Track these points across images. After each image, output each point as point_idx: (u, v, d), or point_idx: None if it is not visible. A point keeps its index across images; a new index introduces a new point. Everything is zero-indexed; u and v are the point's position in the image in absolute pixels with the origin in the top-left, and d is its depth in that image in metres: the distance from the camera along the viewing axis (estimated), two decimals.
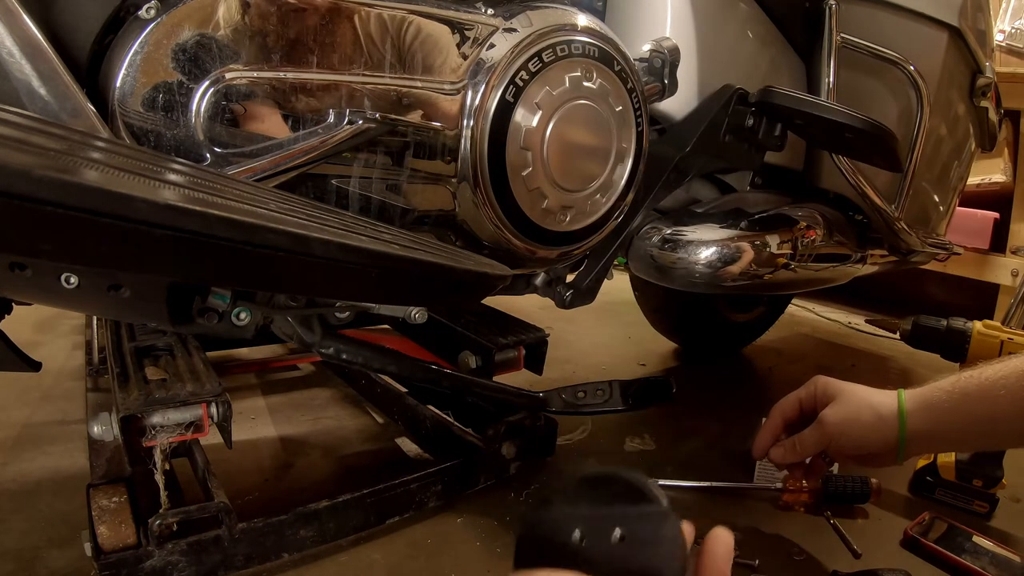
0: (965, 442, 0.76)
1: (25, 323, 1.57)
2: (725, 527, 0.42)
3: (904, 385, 0.74)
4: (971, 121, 1.37)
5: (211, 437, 0.72)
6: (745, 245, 0.98)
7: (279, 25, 0.63)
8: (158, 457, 0.68)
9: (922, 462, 1.03)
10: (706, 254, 0.96)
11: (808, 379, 0.81)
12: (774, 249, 1.01)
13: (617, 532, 0.37)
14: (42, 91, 0.52)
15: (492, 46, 0.75)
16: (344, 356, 0.77)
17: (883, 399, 0.73)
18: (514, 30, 0.76)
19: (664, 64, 0.90)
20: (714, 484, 0.98)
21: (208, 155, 0.62)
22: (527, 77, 0.75)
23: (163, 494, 0.69)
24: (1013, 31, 2.10)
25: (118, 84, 0.57)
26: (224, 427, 0.71)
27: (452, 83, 0.74)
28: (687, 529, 0.38)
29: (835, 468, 1.01)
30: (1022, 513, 0.99)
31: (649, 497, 0.37)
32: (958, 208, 1.55)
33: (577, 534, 0.37)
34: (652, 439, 1.14)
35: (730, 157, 1.01)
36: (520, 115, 0.76)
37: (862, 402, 0.73)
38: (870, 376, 1.59)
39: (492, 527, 0.87)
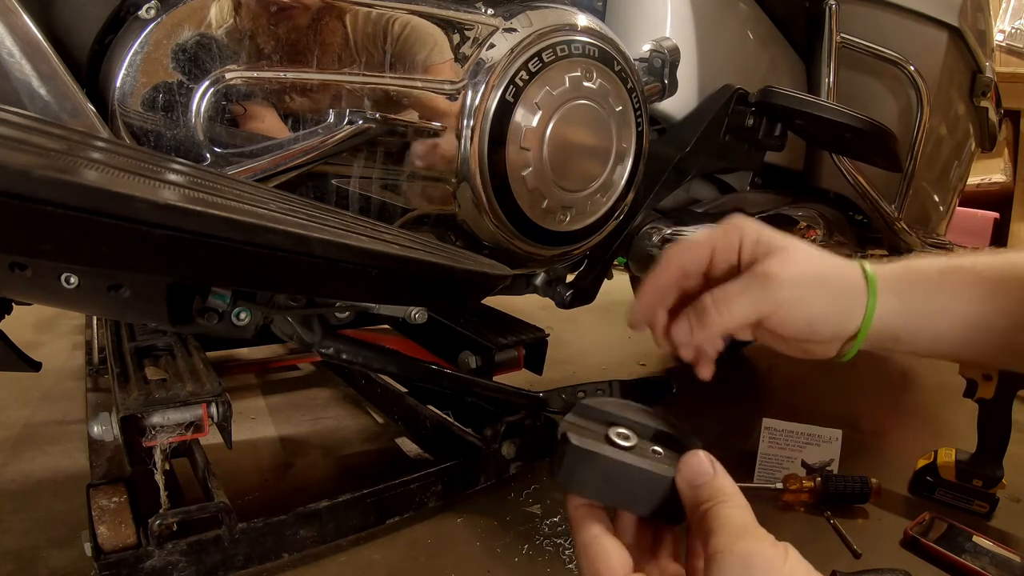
0: (943, 344, 0.48)
1: (25, 323, 1.57)
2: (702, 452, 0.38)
3: (904, 384, 0.71)
4: (971, 121, 1.37)
5: (211, 437, 0.72)
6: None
7: (279, 25, 0.63)
8: (158, 457, 0.68)
9: (922, 462, 1.03)
10: None
11: (807, 378, 0.75)
12: None
13: (653, 443, 0.39)
14: (42, 91, 0.52)
15: (492, 46, 0.75)
16: (344, 356, 0.77)
17: (846, 262, 0.48)
18: (514, 30, 0.76)
19: (664, 64, 0.90)
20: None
21: (208, 155, 0.62)
22: (527, 77, 0.75)
23: (163, 494, 0.69)
24: (1013, 31, 2.10)
25: (118, 84, 0.57)
26: (224, 427, 0.71)
27: (452, 83, 0.74)
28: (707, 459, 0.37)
29: (835, 468, 1.01)
30: (1022, 513, 0.99)
31: (683, 432, 0.40)
32: (958, 208, 1.55)
33: (620, 430, 0.39)
34: None
35: (730, 157, 1.01)
36: (520, 115, 0.76)
37: (821, 261, 0.47)
38: (870, 376, 1.59)
39: (492, 527, 0.87)
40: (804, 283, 0.46)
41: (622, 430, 0.39)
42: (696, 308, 0.46)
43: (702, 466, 0.37)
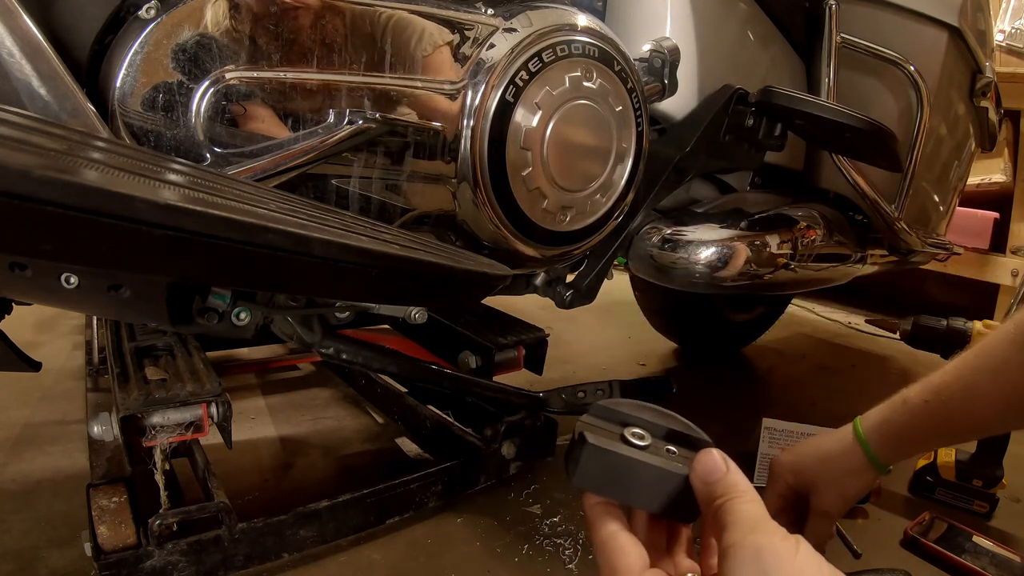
0: (937, 444, 0.75)
1: (25, 323, 1.57)
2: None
3: (904, 384, 0.73)
4: (971, 121, 1.37)
5: (211, 437, 0.72)
6: (745, 245, 0.98)
7: (279, 25, 0.63)
8: (158, 457, 0.68)
9: (922, 462, 1.03)
10: (706, 254, 0.95)
11: (807, 378, 0.79)
12: (774, 249, 1.01)
13: (667, 442, 0.41)
14: (42, 91, 0.52)
15: (492, 46, 0.75)
16: (344, 356, 0.77)
17: (842, 446, 0.71)
18: (514, 30, 0.76)
19: (664, 64, 0.90)
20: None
21: (208, 155, 0.62)
22: (527, 77, 0.75)
23: (163, 494, 0.69)
24: (1013, 31, 2.10)
25: (118, 84, 0.57)
26: (224, 427, 0.71)
27: (452, 83, 0.74)
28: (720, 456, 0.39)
29: None
30: (1022, 513, 0.99)
31: (696, 432, 0.42)
32: (958, 208, 1.55)
33: (635, 430, 0.40)
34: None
35: (730, 157, 1.01)
36: (520, 115, 0.76)
37: (813, 444, 0.73)
38: (870, 376, 1.59)
39: (492, 527, 0.87)
40: (835, 489, 0.69)
41: (637, 430, 0.40)
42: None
43: (715, 463, 0.38)
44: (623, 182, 0.88)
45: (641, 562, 0.37)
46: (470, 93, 0.74)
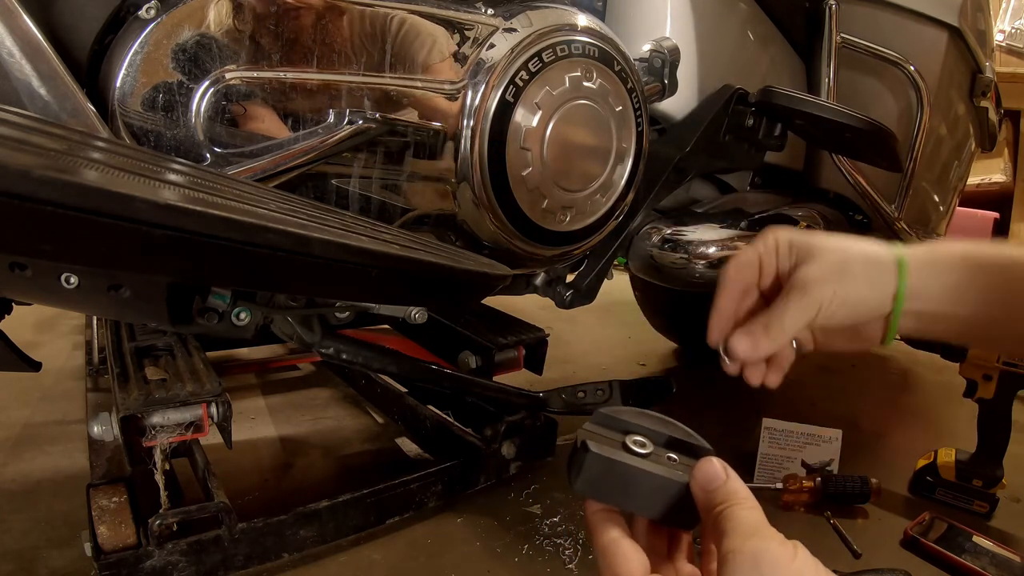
0: (976, 328, 0.52)
1: (25, 323, 1.57)
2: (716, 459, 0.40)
3: (904, 384, 0.71)
4: (971, 121, 1.37)
5: (211, 437, 0.72)
6: (745, 245, 0.98)
7: (279, 25, 0.63)
8: (158, 457, 0.68)
9: (922, 462, 1.03)
10: (706, 254, 0.96)
11: (809, 380, 0.75)
12: None
13: (667, 450, 0.41)
14: (42, 91, 0.52)
15: (492, 46, 0.75)
16: (344, 356, 0.77)
17: (873, 246, 0.53)
18: (514, 30, 0.76)
19: (664, 64, 0.90)
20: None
21: (208, 155, 0.62)
22: (527, 77, 0.75)
23: (163, 494, 0.69)
24: (1013, 31, 2.10)
25: (118, 84, 0.57)
26: (224, 427, 0.71)
27: (452, 83, 0.74)
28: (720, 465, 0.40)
29: (835, 468, 1.01)
30: (1022, 513, 0.99)
31: (696, 439, 0.42)
32: (958, 208, 1.55)
33: (636, 437, 0.41)
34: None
35: (730, 157, 1.01)
36: (520, 115, 0.76)
37: (849, 251, 0.52)
38: (870, 376, 1.59)
39: (492, 527, 0.87)
40: (837, 277, 0.50)
41: (638, 437, 0.41)
42: (757, 327, 0.51)
43: (715, 471, 0.38)
44: (623, 182, 0.88)
45: (642, 568, 0.37)
46: (470, 93, 0.74)
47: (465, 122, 0.74)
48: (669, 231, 0.97)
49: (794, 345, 0.56)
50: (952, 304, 0.51)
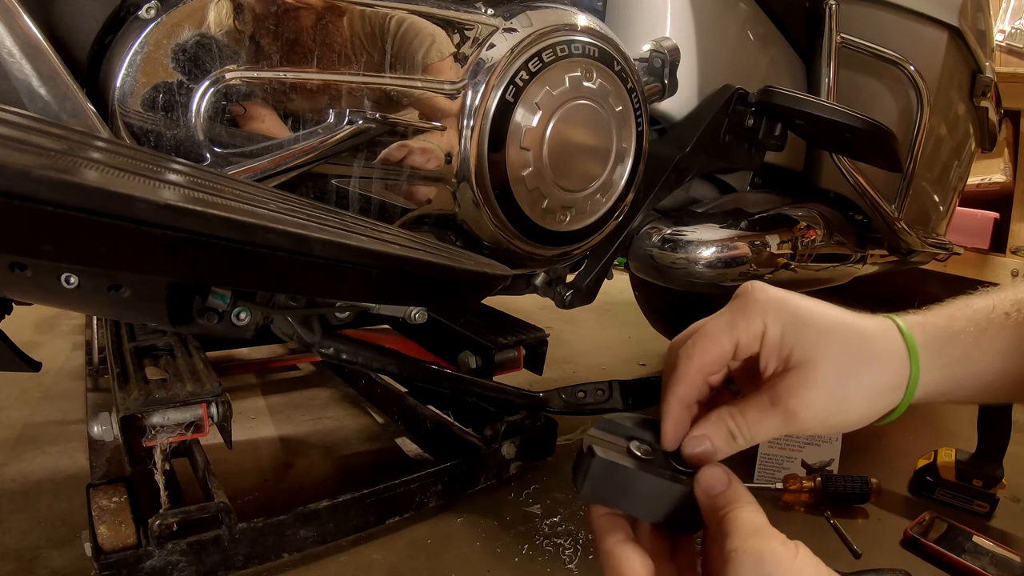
0: (995, 394, 0.45)
1: (25, 323, 1.57)
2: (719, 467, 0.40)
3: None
4: (971, 121, 1.37)
5: (211, 437, 0.72)
6: (745, 245, 0.98)
7: (279, 25, 0.63)
8: (158, 457, 0.68)
9: (922, 462, 1.03)
10: (706, 254, 0.95)
11: None
12: (774, 249, 1.01)
13: (673, 457, 0.42)
14: (42, 91, 0.52)
15: (492, 46, 0.75)
16: (344, 356, 0.77)
17: (877, 345, 0.43)
18: (514, 30, 0.76)
19: (664, 64, 0.90)
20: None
21: (208, 155, 0.62)
22: (527, 77, 0.75)
23: (163, 494, 0.69)
24: (1013, 31, 2.10)
25: (118, 84, 0.57)
26: (224, 427, 0.71)
27: (452, 83, 0.74)
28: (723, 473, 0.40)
29: (835, 468, 1.01)
30: (1022, 513, 0.99)
31: None
32: (958, 208, 1.55)
33: (637, 444, 0.42)
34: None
35: (730, 157, 1.01)
36: (520, 115, 0.76)
37: (852, 371, 0.42)
38: None
39: (492, 527, 0.87)
40: (834, 408, 0.42)
41: (642, 444, 0.42)
42: (720, 431, 0.43)
43: (718, 477, 0.39)
44: (623, 182, 0.88)
45: (646, 571, 0.38)
46: (470, 93, 0.74)
47: (465, 122, 0.74)
48: (669, 231, 0.97)
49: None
50: (969, 381, 0.44)
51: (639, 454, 0.41)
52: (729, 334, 0.43)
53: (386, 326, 1.22)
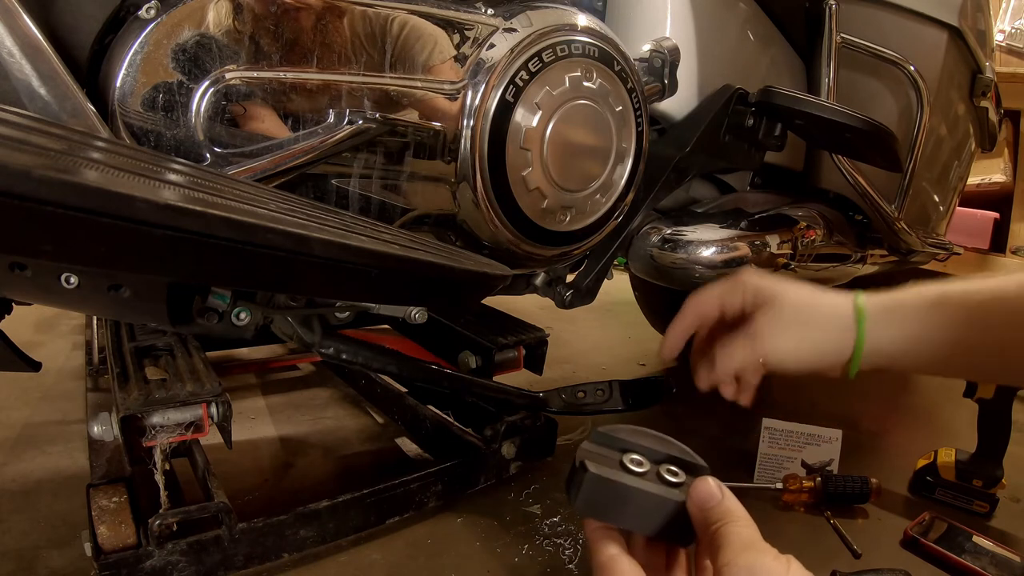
0: (938, 365, 0.55)
1: (25, 323, 1.57)
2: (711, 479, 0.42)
3: (904, 384, 0.71)
4: (971, 121, 1.37)
5: (211, 437, 0.72)
6: (745, 245, 0.98)
7: (279, 25, 0.63)
8: (158, 457, 0.68)
9: (922, 462, 1.03)
10: (706, 254, 0.96)
11: (807, 379, 0.73)
12: (774, 249, 1.01)
13: (664, 468, 0.42)
14: (42, 91, 0.52)
15: (492, 46, 0.75)
16: (344, 356, 0.77)
17: (834, 297, 0.57)
18: (514, 30, 0.76)
19: (664, 64, 0.90)
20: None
21: (208, 155, 0.62)
22: (527, 77, 0.75)
23: (163, 494, 0.69)
24: (1013, 31, 2.10)
25: (118, 84, 0.57)
26: (224, 427, 0.71)
27: (452, 83, 0.74)
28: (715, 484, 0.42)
29: (835, 468, 1.01)
30: (1022, 513, 0.99)
31: (693, 457, 0.44)
32: (958, 208, 1.55)
33: (633, 456, 0.43)
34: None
35: (730, 157, 1.01)
36: (520, 115, 0.76)
37: (807, 304, 0.57)
38: (870, 376, 1.59)
39: (492, 527, 0.87)
40: (790, 331, 0.56)
41: (635, 456, 0.42)
42: (708, 355, 0.60)
43: (711, 491, 0.40)
44: (623, 182, 0.88)
45: None
46: (470, 93, 0.74)
47: (465, 122, 0.74)
48: (669, 231, 0.97)
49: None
50: (914, 347, 0.54)
51: (632, 467, 0.41)
52: (718, 293, 0.60)
53: (386, 326, 1.22)
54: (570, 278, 1.01)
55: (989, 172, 2.13)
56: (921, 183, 1.25)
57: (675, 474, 0.42)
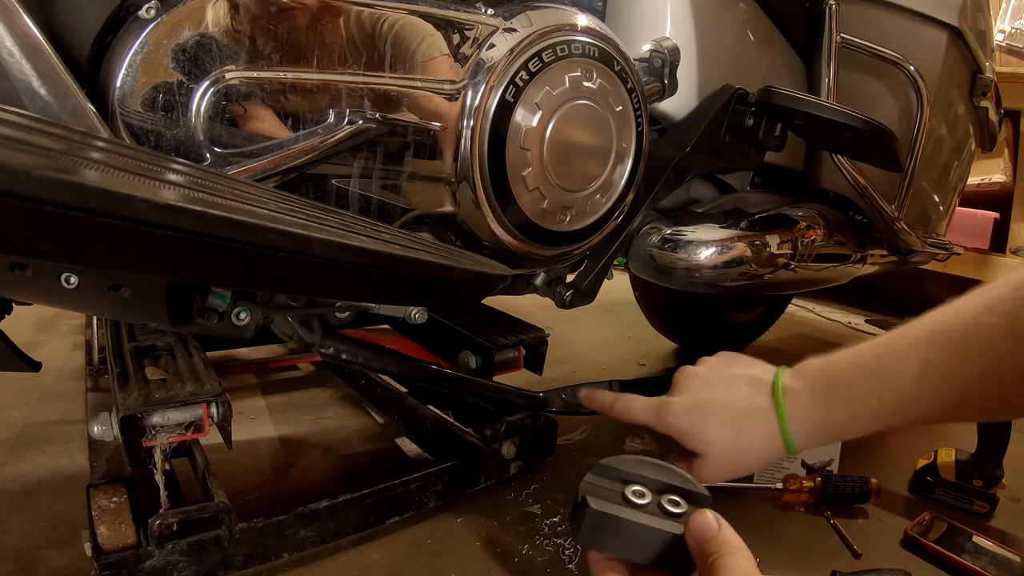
0: (870, 422, 0.52)
1: (25, 323, 1.57)
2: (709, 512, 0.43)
3: None
4: (971, 121, 1.37)
5: (211, 437, 0.72)
6: (745, 245, 0.98)
7: (279, 26, 0.63)
8: (158, 457, 0.68)
9: (922, 462, 1.03)
10: (706, 254, 0.96)
11: None
12: (774, 249, 1.01)
13: (666, 499, 0.44)
14: (42, 91, 0.52)
15: (492, 46, 0.75)
16: (344, 356, 0.77)
17: (750, 417, 0.55)
18: (514, 30, 0.76)
19: (664, 64, 0.90)
20: (714, 484, 0.98)
21: (208, 155, 0.62)
22: (527, 77, 0.75)
23: (163, 494, 0.69)
24: (1013, 31, 2.10)
25: (118, 84, 0.57)
26: (224, 427, 0.71)
27: (452, 83, 0.74)
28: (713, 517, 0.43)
29: (835, 468, 1.01)
30: (1022, 513, 0.99)
31: (694, 486, 0.45)
32: (958, 208, 1.55)
33: (635, 487, 0.44)
34: (652, 439, 1.14)
35: (730, 157, 1.01)
36: (520, 115, 0.76)
37: (734, 445, 0.55)
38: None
39: (492, 527, 0.87)
40: (731, 468, 0.57)
41: (637, 487, 0.44)
42: (604, 400, 0.69)
43: (708, 523, 0.42)
44: (623, 182, 0.88)
45: None
46: (470, 93, 0.74)
47: (465, 122, 0.74)
48: (669, 231, 0.97)
49: None
50: (848, 424, 0.53)
51: (634, 499, 0.43)
52: (649, 418, 0.60)
53: (386, 326, 1.22)
54: (570, 278, 1.01)
55: (989, 172, 2.13)
56: (921, 183, 1.25)
57: (676, 504, 0.43)
